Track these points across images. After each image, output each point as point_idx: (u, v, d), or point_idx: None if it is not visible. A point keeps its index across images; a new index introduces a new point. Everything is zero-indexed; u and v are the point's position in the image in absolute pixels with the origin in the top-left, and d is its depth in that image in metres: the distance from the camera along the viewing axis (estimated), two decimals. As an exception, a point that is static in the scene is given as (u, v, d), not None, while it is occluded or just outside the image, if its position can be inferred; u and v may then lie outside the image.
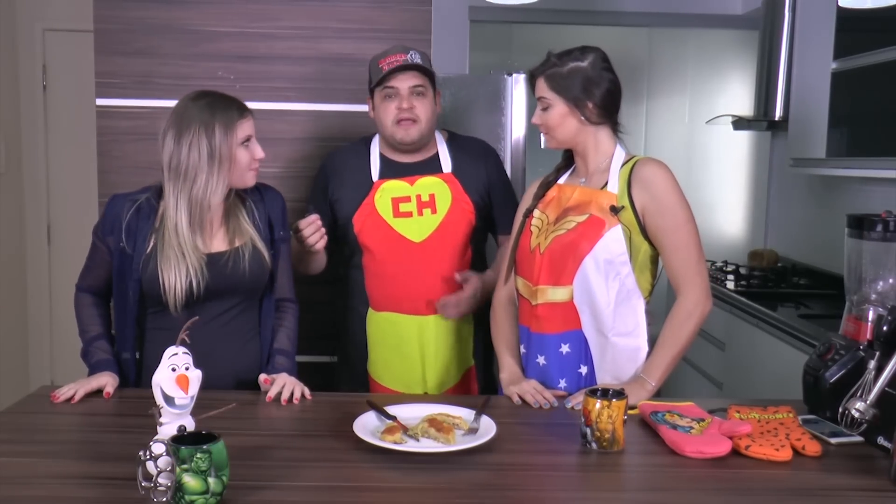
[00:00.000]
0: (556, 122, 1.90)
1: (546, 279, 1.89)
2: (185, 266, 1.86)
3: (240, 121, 1.91)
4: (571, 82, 1.87)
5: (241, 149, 1.91)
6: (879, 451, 1.58)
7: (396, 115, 2.14)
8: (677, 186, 1.86)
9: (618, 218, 1.84)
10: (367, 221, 2.18)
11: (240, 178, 1.93)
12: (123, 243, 1.90)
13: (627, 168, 1.87)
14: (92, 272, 2.01)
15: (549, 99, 1.90)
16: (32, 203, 4.33)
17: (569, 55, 1.89)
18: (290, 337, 2.05)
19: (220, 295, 1.92)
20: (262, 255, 1.96)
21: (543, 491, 1.42)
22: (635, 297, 1.88)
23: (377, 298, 2.22)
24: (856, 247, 1.79)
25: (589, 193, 1.89)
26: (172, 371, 1.39)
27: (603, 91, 1.87)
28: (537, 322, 1.93)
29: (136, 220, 1.91)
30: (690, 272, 1.84)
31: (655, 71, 4.71)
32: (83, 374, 1.95)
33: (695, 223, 1.86)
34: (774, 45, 3.75)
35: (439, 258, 2.17)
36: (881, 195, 3.16)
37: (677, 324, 1.84)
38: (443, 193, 2.19)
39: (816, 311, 3.11)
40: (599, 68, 1.88)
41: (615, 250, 1.84)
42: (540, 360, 1.94)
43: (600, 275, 1.84)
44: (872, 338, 1.67)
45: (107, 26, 2.55)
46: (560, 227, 1.89)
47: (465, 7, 4.29)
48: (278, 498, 1.36)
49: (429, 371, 2.20)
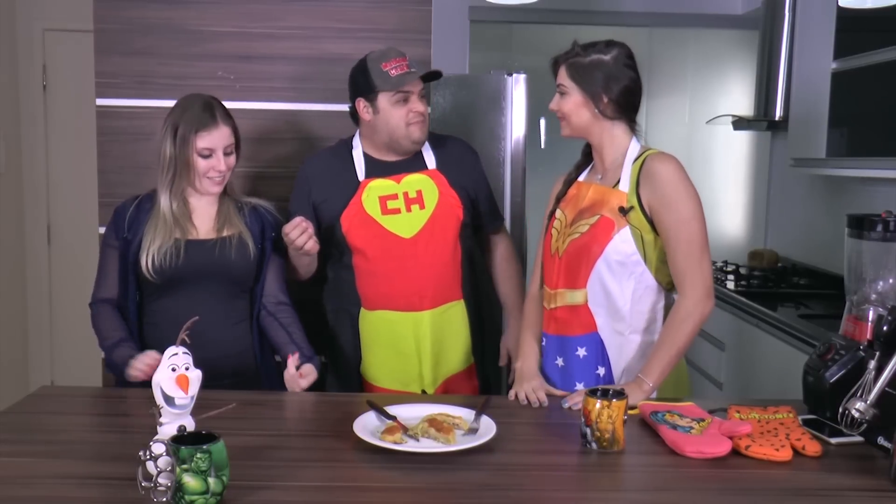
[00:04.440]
0: (571, 111, 1.91)
1: (563, 283, 1.91)
2: (160, 241, 1.99)
3: (200, 132, 2.00)
4: (591, 74, 1.87)
5: (199, 159, 2.01)
6: (879, 451, 1.58)
7: (412, 118, 2.18)
8: (685, 180, 1.84)
9: (627, 219, 1.84)
10: (354, 220, 2.19)
11: (199, 183, 2.05)
12: (126, 233, 2.02)
13: (639, 164, 1.87)
14: (106, 279, 2.07)
15: (567, 87, 1.90)
16: (32, 203, 4.33)
17: (593, 47, 1.89)
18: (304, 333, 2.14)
19: (204, 278, 2.03)
20: (248, 248, 2.07)
21: (543, 491, 1.42)
22: (655, 292, 1.89)
23: (370, 297, 2.22)
24: (856, 247, 1.79)
25: (602, 192, 1.90)
26: (172, 371, 1.39)
27: (621, 87, 1.87)
28: (556, 324, 1.94)
29: (136, 213, 2.05)
30: (692, 270, 1.82)
31: (655, 71, 4.71)
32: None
33: (702, 220, 1.84)
34: (774, 45, 3.75)
35: (431, 253, 2.18)
36: (881, 195, 3.16)
37: (675, 324, 1.84)
38: (430, 189, 2.21)
39: (816, 311, 3.11)
40: (622, 64, 1.88)
41: (625, 251, 1.84)
42: (559, 362, 1.96)
43: (614, 276, 1.85)
44: (872, 338, 1.67)
45: (107, 26, 2.55)
46: (575, 230, 1.90)
47: (465, 7, 4.29)
48: (278, 498, 1.36)
49: (425, 367, 2.20)
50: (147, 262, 1.98)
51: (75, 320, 4.31)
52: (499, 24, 4.49)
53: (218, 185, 2.06)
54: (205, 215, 2.08)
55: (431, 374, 2.21)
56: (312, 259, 2.21)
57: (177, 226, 2.02)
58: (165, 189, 2.03)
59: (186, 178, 2.03)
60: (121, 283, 2.05)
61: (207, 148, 2.00)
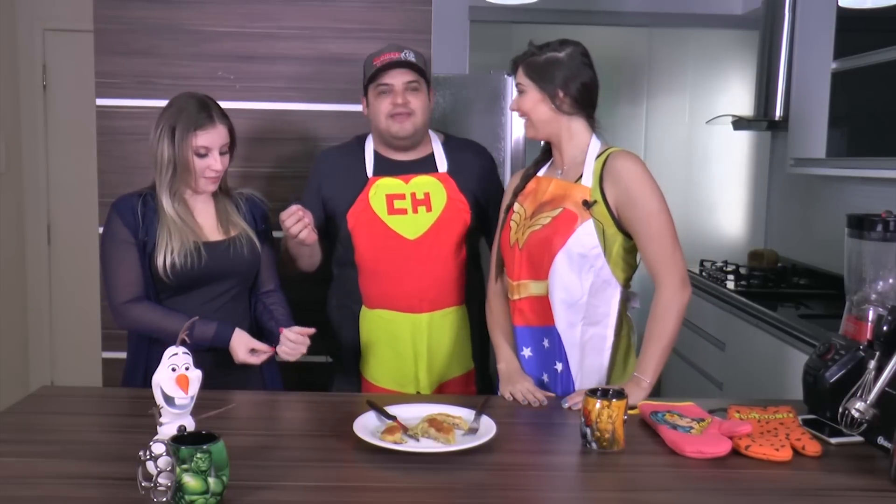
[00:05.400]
0: (529, 108, 1.95)
1: (526, 274, 1.94)
2: (179, 244, 1.98)
3: (198, 131, 1.99)
4: (546, 72, 1.92)
5: (196, 158, 2.01)
6: (879, 451, 1.58)
7: (391, 110, 2.15)
8: (648, 177, 1.87)
9: (590, 212, 1.87)
10: (360, 218, 2.19)
11: (195, 183, 2.04)
12: (141, 233, 2.01)
13: (601, 161, 1.90)
14: (130, 276, 2.01)
15: (525, 85, 1.96)
16: (32, 203, 4.33)
17: (547, 46, 1.96)
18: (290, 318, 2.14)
19: (220, 278, 2.06)
20: (255, 244, 2.12)
21: (543, 491, 1.42)
22: (611, 286, 1.91)
23: (370, 296, 2.22)
24: (856, 247, 1.79)
25: (564, 187, 1.93)
26: (172, 371, 1.39)
27: (577, 83, 1.92)
28: (521, 315, 1.97)
29: (145, 211, 2.03)
30: (665, 261, 1.85)
31: (655, 71, 4.71)
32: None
33: (668, 213, 1.87)
34: (774, 45, 3.75)
35: (433, 256, 2.18)
36: (881, 195, 3.16)
37: (658, 317, 1.86)
38: (438, 192, 2.20)
39: (816, 311, 3.11)
40: (577, 62, 1.93)
41: (588, 244, 1.86)
42: (526, 353, 1.98)
43: (573, 268, 1.87)
44: (872, 338, 1.67)
45: (107, 26, 2.55)
46: (535, 222, 1.93)
47: (465, 7, 4.29)
48: (278, 498, 1.36)
49: (421, 369, 2.20)
50: (165, 265, 1.97)
51: (75, 320, 4.33)
52: (499, 24, 4.49)
53: (214, 183, 2.06)
54: (206, 215, 2.08)
55: (427, 377, 2.21)
56: (313, 251, 2.21)
57: (186, 227, 2.01)
58: (165, 190, 2.02)
59: (184, 178, 2.02)
60: (144, 280, 2.02)
61: (204, 147, 2.00)
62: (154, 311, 2.01)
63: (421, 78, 2.18)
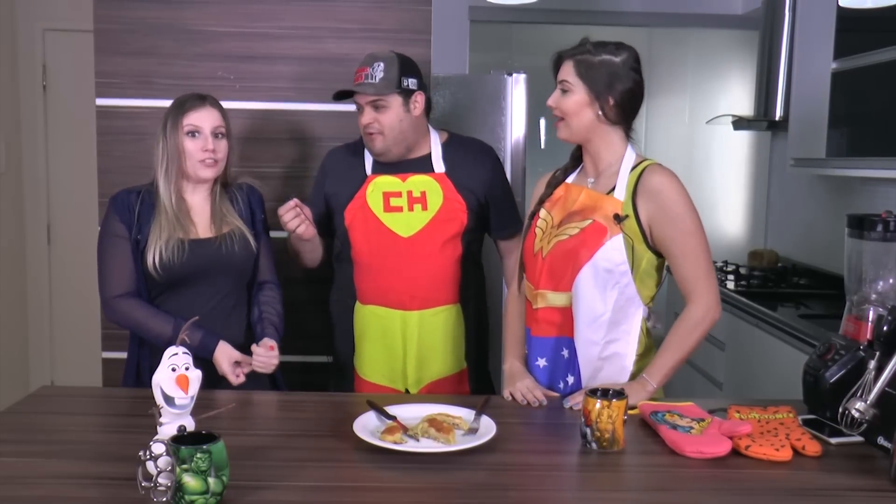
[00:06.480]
0: (572, 110, 1.85)
1: (546, 284, 1.89)
2: (165, 238, 1.98)
3: (188, 112, 2.01)
4: (599, 73, 1.82)
5: (187, 139, 2.01)
6: (879, 451, 1.58)
7: (363, 129, 2.19)
8: (685, 194, 1.83)
9: (620, 227, 1.81)
10: (357, 214, 2.21)
11: (192, 169, 2.04)
12: (136, 229, 2.01)
13: (636, 174, 1.84)
14: (122, 271, 2.02)
15: (572, 83, 1.84)
16: (32, 203, 4.33)
17: (604, 47, 1.84)
18: (280, 313, 2.15)
19: (211, 276, 2.04)
20: (248, 241, 2.10)
21: (543, 491, 1.42)
22: (634, 304, 1.86)
23: (364, 291, 2.23)
24: (856, 247, 1.79)
25: (595, 198, 1.86)
26: (172, 371, 1.39)
27: (626, 90, 1.83)
28: (537, 325, 1.93)
29: (141, 208, 2.04)
30: (700, 280, 1.82)
31: (655, 71, 4.71)
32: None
33: (703, 232, 1.84)
34: (774, 45, 3.75)
35: (426, 254, 2.18)
36: (881, 195, 3.16)
37: (685, 330, 1.83)
38: (434, 191, 2.20)
39: (816, 311, 3.11)
40: (629, 68, 1.84)
41: (615, 259, 1.81)
42: (540, 363, 1.94)
43: (598, 283, 1.82)
44: (872, 338, 1.67)
45: (107, 26, 2.55)
46: (562, 231, 1.87)
47: (465, 7, 4.29)
48: (278, 498, 1.36)
49: (409, 367, 2.21)
50: (154, 260, 1.98)
51: (75, 320, 4.33)
52: (499, 24, 4.50)
53: (210, 168, 2.04)
54: (201, 213, 2.08)
55: (415, 375, 2.21)
56: (314, 246, 2.23)
57: (178, 224, 2.02)
58: (163, 181, 2.03)
59: (179, 165, 2.02)
60: (137, 277, 2.03)
61: (193, 125, 2.00)
62: (142, 309, 2.01)
63: (389, 94, 2.14)
